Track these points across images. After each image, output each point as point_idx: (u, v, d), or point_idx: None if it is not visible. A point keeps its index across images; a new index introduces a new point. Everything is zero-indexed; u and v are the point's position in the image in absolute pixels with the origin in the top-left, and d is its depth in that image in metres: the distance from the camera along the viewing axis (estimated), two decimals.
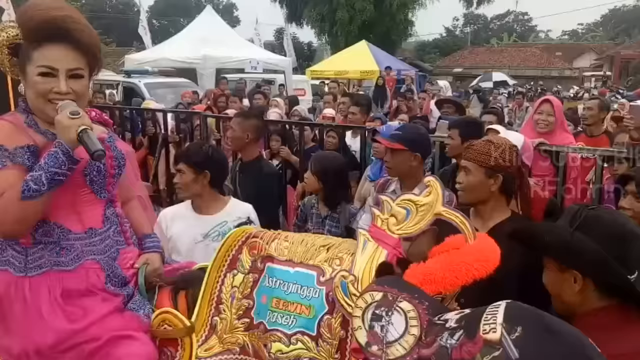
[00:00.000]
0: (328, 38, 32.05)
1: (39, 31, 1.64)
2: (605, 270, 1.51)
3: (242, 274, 1.77)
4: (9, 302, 1.65)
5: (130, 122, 6.51)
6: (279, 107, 7.65)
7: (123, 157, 1.88)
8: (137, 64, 14.37)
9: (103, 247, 1.76)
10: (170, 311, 1.76)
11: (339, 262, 1.66)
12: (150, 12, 40.71)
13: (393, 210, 1.60)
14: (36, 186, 1.52)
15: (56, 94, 1.65)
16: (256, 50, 16.52)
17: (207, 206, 2.83)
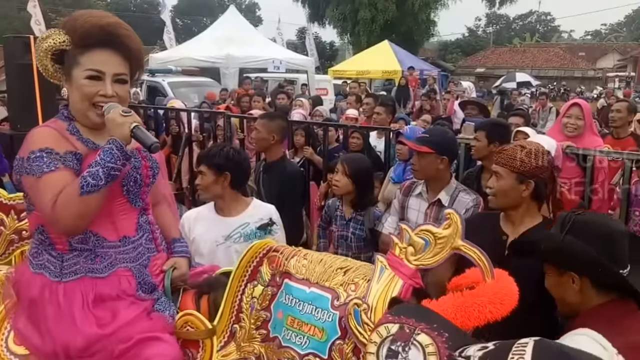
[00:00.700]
0: (350, 38, 32.00)
1: (90, 37, 1.70)
2: (598, 268, 1.63)
3: (261, 285, 1.79)
4: (42, 304, 1.70)
5: (155, 121, 6.57)
6: (304, 107, 7.65)
7: (157, 165, 1.92)
8: (161, 63, 14.48)
9: (135, 254, 1.81)
10: (193, 313, 1.80)
11: (354, 287, 1.64)
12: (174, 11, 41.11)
13: (412, 239, 1.56)
14: (94, 181, 1.57)
15: (101, 97, 1.71)
16: (279, 50, 16.51)
17: (228, 208, 2.83)
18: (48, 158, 1.63)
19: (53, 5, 30.85)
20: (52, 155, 1.63)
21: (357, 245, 3.34)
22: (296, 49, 23.79)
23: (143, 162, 1.84)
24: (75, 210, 1.58)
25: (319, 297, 1.67)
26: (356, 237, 3.33)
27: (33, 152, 1.63)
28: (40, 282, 1.72)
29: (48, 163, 1.62)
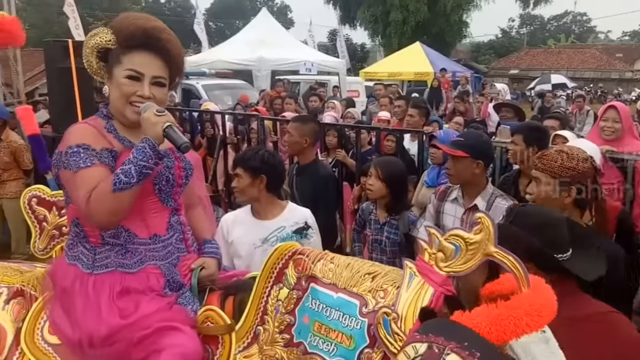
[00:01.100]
0: (381, 39, 31.84)
1: (133, 38, 1.76)
2: (537, 254, 1.75)
3: (287, 288, 1.76)
4: (73, 295, 1.76)
5: (190, 123, 6.66)
6: (336, 109, 7.66)
7: (191, 167, 1.95)
8: (195, 66, 14.64)
9: (165, 253, 1.84)
10: (214, 309, 1.81)
11: (383, 294, 1.60)
12: (207, 15, 41.59)
13: (441, 245, 1.50)
14: (126, 178, 1.61)
15: (138, 97, 1.76)
16: (310, 52, 16.54)
17: (265, 211, 2.85)
18: (84, 154, 1.68)
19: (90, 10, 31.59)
20: (88, 151, 1.69)
21: (391, 250, 3.32)
22: (327, 51, 23.77)
23: (176, 162, 1.88)
24: (108, 206, 1.62)
25: (346, 304, 1.63)
26: (390, 241, 3.31)
27: (70, 147, 1.69)
28: (74, 273, 1.78)
29: (84, 158, 1.67)
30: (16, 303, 1.93)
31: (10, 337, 1.87)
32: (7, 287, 1.97)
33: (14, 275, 2.03)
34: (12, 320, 1.90)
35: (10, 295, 1.95)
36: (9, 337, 1.87)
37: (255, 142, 5.75)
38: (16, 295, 1.95)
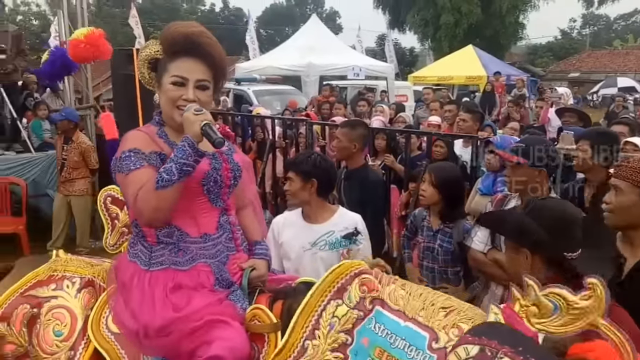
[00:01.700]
0: (431, 43, 31.48)
1: (177, 45, 1.85)
2: (546, 247, 1.81)
3: (346, 306, 1.70)
4: (131, 289, 1.87)
5: (241, 128, 6.72)
6: (384, 113, 7.57)
7: (239, 168, 2.00)
8: (246, 72, 14.96)
9: (215, 251, 1.91)
10: (261, 307, 1.85)
11: (457, 331, 1.50)
12: (258, 22, 42.26)
13: (538, 300, 1.36)
14: (168, 176, 1.69)
15: (184, 101, 1.84)
16: (359, 57, 16.55)
17: (315, 215, 2.83)
18: (135, 157, 1.78)
19: (151, 20, 32.75)
20: (138, 155, 1.79)
21: (443, 259, 3.21)
22: (375, 56, 23.65)
23: (224, 164, 1.94)
24: (152, 204, 1.71)
25: (415, 335, 1.55)
26: (443, 250, 3.20)
27: (124, 152, 1.80)
28: (133, 269, 1.89)
29: (135, 161, 1.77)
30: (87, 292, 2.12)
31: (79, 323, 2.04)
32: (79, 278, 2.16)
33: (86, 268, 2.22)
34: (82, 307, 2.08)
35: (82, 285, 2.14)
36: (79, 324, 2.04)
37: (304, 146, 5.73)
38: (87, 285, 2.14)
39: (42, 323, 2.06)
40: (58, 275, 2.18)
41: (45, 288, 2.14)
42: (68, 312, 2.07)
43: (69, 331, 2.03)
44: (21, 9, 33.62)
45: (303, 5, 49.55)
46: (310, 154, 2.93)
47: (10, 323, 2.10)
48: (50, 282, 2.16)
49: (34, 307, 2.10)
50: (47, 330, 2.04)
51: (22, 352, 2.09)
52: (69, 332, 2.03)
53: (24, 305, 2.11)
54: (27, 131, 7.03)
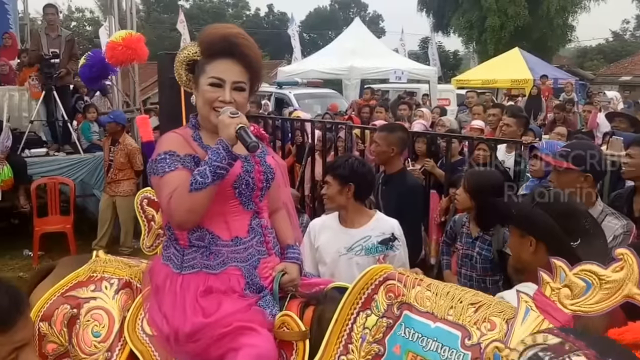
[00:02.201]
0: (476, 46, 30.93)
1: (214, 46, 1.86)
2: (552, 236, 1.90)
3: (375, 316, 1.68)
4: (164, 292, 1.88)
5: (281, 131, 6.77)
6: (425, 117, 7.49)
7: (272, 171, 1.99)
8: (288, 76, 15.08)
9: (246, 255, 1.89)
10: (290, 314, 1.83)
11: (490, 326, 1.49)
12: (302, 26, 42.53)
13: (569, 280, 1.35)
14: (202, 179, 1.69)
15: (220, 102, 1.84)
16: (401, 60, 16.43)
17: (351, 219, 2.82)
18: (170, 159, 1.79)
19: (198, 25, 33.45)
20: (173, 157, 1.79)
21: (482, 267, 3.15)
22: (418, 59, 23.44)
23: (256, 167, 1.93)
24: (186, 206, 1.71)
25: (446, 334, 1.53)
26: (482, 257, 3.13)
27: (159, 155, 1.81)
28: (166, 272, 1.90)
29: (169, 164, 1.78)
30: (124, 294, 2.15)
31: (116, 325, 2.07)
32: (117, 279, 2.20)
33: (124, 269, 2.25)
34: (120, 309, 2.11)
35: (119, 286, 2.17)
36: (116, 325, 2.07)
37: (342, 150, 5.73)
38: (124, 287, 2.17)
39: (81, 323, 2.10)
40: (97, 276, 2.22)
41: (84, 289, 2.18)
42: (106, 313, 2.10)
43: (107, 332, 2.06)
44: (75, 15, 34.88)
45: (346, 9, 49.53)
46: (348, 157, 2.91)
47: (52, 323, 2.14)
48: (89, 283, 2.20)
49: (74, 308, 2.14)
50: (86, 330, 2.08)
51: (62, 352, 2.13)
52: (106, 333, 2.06)
53: (64, 305, 2.15)
54: (77, 133, 7.27)
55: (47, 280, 2.31)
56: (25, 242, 6.25)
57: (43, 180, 6.32)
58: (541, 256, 1.92)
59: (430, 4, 33.15)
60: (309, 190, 6.19)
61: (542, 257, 1.89)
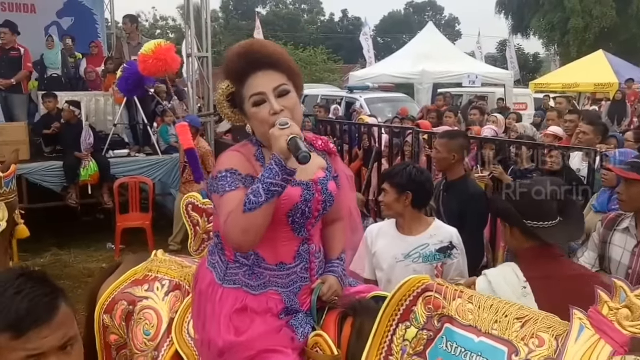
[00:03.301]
0: (558, 48, 29.69)
1: (237, 70, 1.78)
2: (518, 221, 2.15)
3: (415, 328, 1.65)
4: (205, 300, 1.86)
5: (349, 135, 6.85)
6: (497, 123, 7.31)
7: (332, 200, 1.88)
8: (359, 80, 15.11)
9: (288, 281, 1.84)
10: (323, 336, 1.80)
11: (538, 342, 1.44)
12: (376, 31, 42.45)
13: (629, 301, 1.30)
14: (255, 198, 1.60)
15: (274, 115, 1.71)
16: (475, 64, 16.05)
17: (409, 227, 2.81)
18: (231, 178, 1.71)
19: (273, 31, 34.24)
20: (235, 176, 1.72)
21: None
22: (496, 62, 22.84)
23: (316, 195, 1.82)
24: (240, 227, 1.62)
25: (491, 349, 1.49)
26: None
27: (220, 172, 1.74)
28: (210, 279, 1.86)
29: (230, 182, 1.70)
30: (174, 296, 2.20)
31: (164, 326, 2.13)
32: (169, 281, 2.26)
33: (176, 270, 2.30)
34: (168, 310, 2.16)
35: (170, 288, 2.23)
36: (163, 326, 2.13)
37: (410, 155, 5.72)
38: (175, 289, 2.22)
39: (135, 320, 2.19)
40: (152, 276, 2.30)
41: (140, 288, 2.27)
42: (155, 314, 2.17)
43: (155, 332, 2.13)
44: (160, 23, 36.65)
45: (422, 12, 48.92)
46: (406, 166, 2.90)
47: (113, 316, 2.26)
48: (144, 282, 2.29)
49: (130, 305, 2.23)
50: (138, 328, 2.17)
51: (122, 343, 2.25)
52: (155, 332, 2.12)
53: (122, 301, 2.26)
54: (156, 136, 7.68)
55: (113, 276, 2.42)
56: (108, 236, 6.67)
57: (125, 179, 6.72)
58: (519, 240, 2.19)
59: (509, 6, 32.16)
60: (373, 195, 6.22)
61: (521, 240, 2.18)
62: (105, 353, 2.30)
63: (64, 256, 6.38)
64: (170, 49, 6.15)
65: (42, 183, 6.52)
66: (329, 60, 30.13)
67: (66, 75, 8.45)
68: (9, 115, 7.37)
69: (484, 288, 2.13)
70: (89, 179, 6.66)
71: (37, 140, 7.18)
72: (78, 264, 6.15)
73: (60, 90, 7.63)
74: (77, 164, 6.64)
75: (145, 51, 6.00)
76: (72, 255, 6.42)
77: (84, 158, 6.65)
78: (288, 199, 1.72)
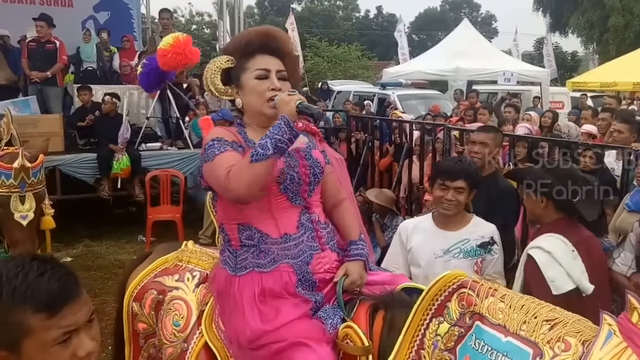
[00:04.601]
0: (597, 47, 28.92)
1: (251, 44, 1.95)
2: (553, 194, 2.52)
3: (447, 323, 1.64)
4: (224, 296, 1.91)
5: (380, 131, 6.81)
6: (532, 121, 7.17)
7: (319, 165, 1.96)
8: (392, 77, 15.04)
9: (297, 251, 1.86)
10: (353, 327, 1.78)
11: (564, 346, 1.41)
12: (411, 27, 42.10)
13: None
14: (262, 150, 1.69)
15: (272, 91, 1.88)
16: (511, 62, 15.79)
17: (449, 221, 2.77)
18: (219, 144, 1.81)
19: (308, 27, 34.28)
20: (221, 142, 1.82)
21: None
22: (532, 60, 22.39)
23: (300, 161, 1.91)
24: (245, 178, 1.69)
25: (516, 350, 1.47)
26: None
27: (207, 144, 1.84)
28: (224, 276, 1.91)
29: (219, 147, 1.80)
30: (204, 287, 2.15)
31: (194, 317, 2.09)
32: (199, 272, 2.21)
33: (207, 261, 2.26)
34: (198, 302, 2.12)
35: (200, 279, 2.18)
36: (193, 318, 2.09)
37: (441, 152, 5.65)
38: (205, 280, 2.16)
39: (165, 310, 2.15)
40: (182, 265, 2.26)
41: (170, 277, 2.23)
42: (185, 304, 2.13)
43: (184, 323, 2.09)
44: (195, 19, 36.93)
45: (458, 9, 48.23)
46: (470, 161, 2.93)
47: (142, 304, 2.23)
48: (175, 271, 2.25)
49: (160, 294, 2.20)
50: (168, 318, 2.13)
51: (150, 332, 2.22)
52: (184, 324, 2.09)
53: (152, 290, 2.22)
54: (188, 129, 7.76)
55: (142, 264, 2.39)
56: (140, 229, 6.78)
57: (157, 172, 6.82)
58: (550, 212, 2.57)
59: (547, 4, 31.52)
60: (404, 192, 6.16)
61: (551, 212, 2.56)
62: (132, 341, 2.27)
63: (96, 247, 6.52)
64: (188, 41, 6.09)
65: (75, 174, 6.63)
66: (363, 57, 30.00)
67: (101, 68, 8.61)
68: (44, 107, 7.47)
69: (546, 260, 2.38)
70: (120, 172, 6.77)
71: (71, 132, 7.31)
72: (109, 255, 6.28)
73: (95, 84, 7.77)
74: (110, 156, 6.76)
75: (164, 45, 5.98)
76: (103, 246, 6.55)
77: (119, 151, 6.75)
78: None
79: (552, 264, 2.37)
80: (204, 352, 2.01)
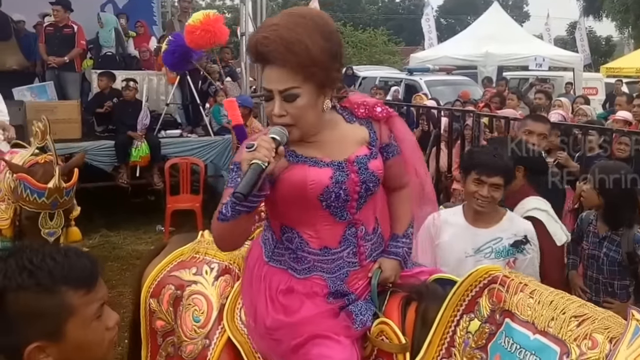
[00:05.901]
0: (632, 31, 28.05)
1: (254, 55, 1.65)
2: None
3: (478, 320, 1.59)
4: (250, 275, 1.85)
5: (407, 118, 6.59)
6: (564, 107, 6.89)
7: (374, 178, 1.74)
8: (419, 62, 14.77)
9: (334, 266, 1.76)
10: (389, 323, 1.72)
11: (591, 344, 1.35)
12: (439, 11, 41.36)
13: None
14: (224, 211, 1.57)
15: (274, 117, 1.62)
16: (543, 47, 15.37)
17: (481, 217, 2.54)
18: (235, 174, 1.65)
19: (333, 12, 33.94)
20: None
21: (609, 270, 2.89)
22: (565, 45, 21.77)
23: (351, 176, 1.69)
24: (215, 232, 1.67)
25: (544, 348, 1.42)
26: (609, 259, 2.87)
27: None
28: (258, 253, 1.85)
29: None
30: (223, 280, 2.06)
31: (215, 312, 2.00)
32: (218, 264, 2.11)
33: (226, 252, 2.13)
34: (218, 296, 2.02)
35: (219, 272, 2.09)
36: (214, 313, 2.00)
37: (470, 139, 5.43)
38: (224, 273, 2.08)
39: (184, 306, 2.06)
40: (199, 257, 2.16)
41: (187, 271, 2.13)
42: (205, 299, 2.04)
43: (205, 319, 2.00)
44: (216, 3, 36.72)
45: None
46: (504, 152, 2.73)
47: (159, 301, 2.13)
48: (192, 265, 2.14)
49: (178, 289, 2.10)
50: (187, 314, 2.04)
51: (169, 329, 2.12)
52: (205, 319, 2.00)
53: (169, 285, 2.12)
54: (209, 116, 7.64)
55: (158, 257, 2.29)
56: (158, 218, 6.64)
57: (176, 160, 6.69)
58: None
59: None
60: (431, 180, 5.94)
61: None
62: (150, 339, 2.18)
63: (113, 237, 6.39)
64: (219, 19, 5.84)
65: (93, 162, 6.42)
66: (390, 42, 29.54)
67: (120, 54, 8.47)
68: (61, 93, 7.34)
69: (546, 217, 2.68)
70: (139, 160, 6.63)
71: (89, 119, 7.20)
72: (127, 246, 6.16)
73: (114, 69, 7.64)
74: (128, 143, 6.64)
75: (193, 22, 5.72)
76: (121, 236, 6.42)
77: (138, 138, 6.63)
78: (316, 182, 1.64)
79: (550, 220, 2.70)
80: (227, 347, 1.93)
